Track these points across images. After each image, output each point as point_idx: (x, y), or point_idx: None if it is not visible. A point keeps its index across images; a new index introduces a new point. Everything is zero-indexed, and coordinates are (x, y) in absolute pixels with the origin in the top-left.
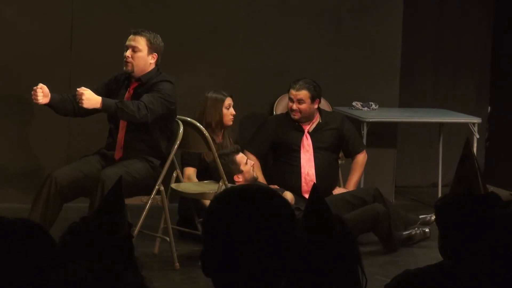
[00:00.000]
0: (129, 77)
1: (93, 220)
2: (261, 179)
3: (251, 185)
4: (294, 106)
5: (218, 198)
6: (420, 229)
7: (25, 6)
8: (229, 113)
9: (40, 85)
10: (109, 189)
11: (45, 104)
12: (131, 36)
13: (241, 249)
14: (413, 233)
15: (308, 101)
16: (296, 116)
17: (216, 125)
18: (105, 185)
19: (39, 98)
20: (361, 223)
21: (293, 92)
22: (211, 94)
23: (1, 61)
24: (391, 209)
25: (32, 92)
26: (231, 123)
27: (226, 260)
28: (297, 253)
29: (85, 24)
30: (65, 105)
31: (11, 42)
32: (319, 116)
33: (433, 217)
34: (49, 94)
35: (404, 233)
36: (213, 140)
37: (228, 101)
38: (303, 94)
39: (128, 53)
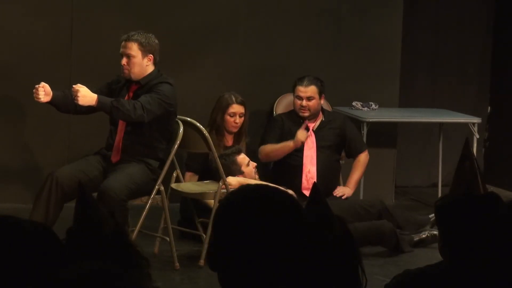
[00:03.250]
0: (129, 79)
1: (75, 226)
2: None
3: (264, 184)
4: (304, 103)
5: (231, 194)
6: (431, 232)
7: (25, 6)
8: (232, 120)
9: (42, 83)
10: (77, 198)
11: (47, 102)
12: (122, 43)
13: (249, 245)
14: (423, 236)
15: (317, 96)
16: (306, 113)
17: (217, 128)
18: (109, 197)
19: (40, 96)
20: (364, 238)
21: (301, 89)
22: (224, 95)
23: (1, 61)
24: (400, 220)
25: (34, 91)
26: (234, 130)
27: (233, 256)
28: (304, 251)
29: (85, 24)
30: (67, 103)
31: (11, 42)
32: (321, 113)
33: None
34: (51, 93)
35: (415, 238)
36: (220, 142)
37: (234, 108)
38: (312, 90)
39: (124, 61)
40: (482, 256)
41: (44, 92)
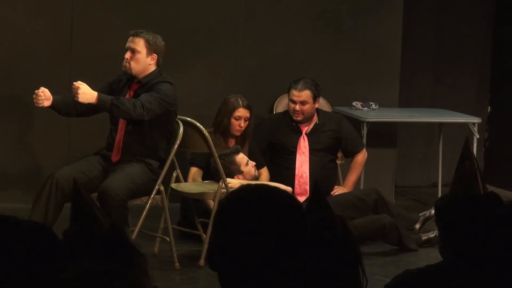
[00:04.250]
0: (130, 78)
1: (71, 226)
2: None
3: (266, 184)
4: (297, 108)
5: (231, 194)
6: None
7: (25, 6)
8: (236, 124)
9: (42, 88)
10: (73, 197)
11: (48, 107)
12: (130, 38)
13: (249, 245)
14: (431, 236)
15: (311, 101)
16: (299, 117)
17: (223, 130)
18: (109, 197)
19: (40, 102)
20: (365, 233)
21: (295, 93)
22: (230, 98)
23: (1, 61)
24: (393, 211)
25: (34, 96)
26: (237, 133)
27: (234, 256)
28: (304, 251)
29: (85, 24)
30: (68, 106)
31: (11, 42)
32: (316, 116)
33: (433, 211)
34: (51, 97)
35: (423, 237)
36: (226, 144)
37: (239, 112)
38: (306, 94)
39: (127, 55)
40: (482, 256)
41: (44, 97)
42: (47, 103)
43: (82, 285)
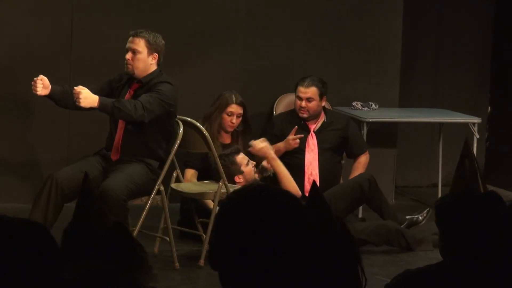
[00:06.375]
0: (131, 78)
1: (73, 222)
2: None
3: (267, 184)
4: (303, 104)
5: (233, 193)
6: None
7: (25, 6)
8: (229, 119)
9: (41, 76)
10: (80, 192)
11: (45, 96)
12: (130, 38)
13: (250, 244)
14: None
15: (317, 98)
16: (305, 114)
17: (217, 125)
18: (109, 197)
19: (38, 89)
20: (370, 238)
21: (302, 89)
22: (225, 94)
23: (1, 61)
24: (383, 200)
25: (32, 83)
26: (230, 129)
27: (235, 255)
28: (304, 251)
29: (85, 24)
30: (66, 98)
31: (11, 42)
32: (324, 114)
33: (420, 217)
34: (49, 86)
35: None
36: (217, 139)
37: (232, 108)
38: (312, 91)
39: (128, 55)
40: (482, 255)
41: (42, 85)
42: (44, 91)
43: (82, 285)
